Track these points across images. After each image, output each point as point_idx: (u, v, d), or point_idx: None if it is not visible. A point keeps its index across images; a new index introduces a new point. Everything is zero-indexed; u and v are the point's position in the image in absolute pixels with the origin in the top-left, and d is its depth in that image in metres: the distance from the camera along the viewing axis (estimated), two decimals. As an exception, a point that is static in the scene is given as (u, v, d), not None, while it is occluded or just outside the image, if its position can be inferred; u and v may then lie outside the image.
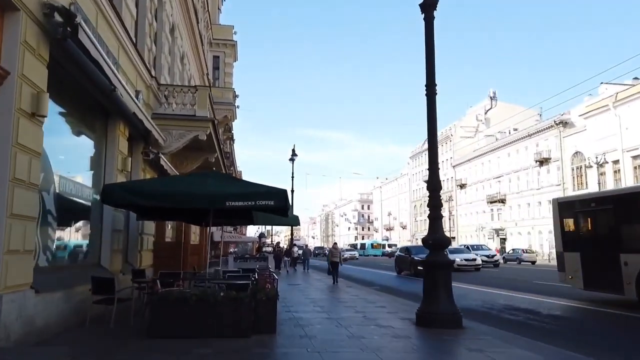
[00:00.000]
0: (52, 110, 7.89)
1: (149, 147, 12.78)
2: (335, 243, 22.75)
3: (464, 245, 40.22)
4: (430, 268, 8.82)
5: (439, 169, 9.26)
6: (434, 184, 9.03)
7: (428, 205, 9.14)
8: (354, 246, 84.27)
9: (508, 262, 43.88)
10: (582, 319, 10.75)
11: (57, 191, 8.01)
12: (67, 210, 8.62)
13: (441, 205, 9.14)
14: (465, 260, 28.97)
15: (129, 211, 11.23)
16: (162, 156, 13.05)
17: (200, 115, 13.75)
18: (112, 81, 8.30)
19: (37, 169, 6.47)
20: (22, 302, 5.98)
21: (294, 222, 12.84)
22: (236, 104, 34.87)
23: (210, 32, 31.46)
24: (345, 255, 48.03)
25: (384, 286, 19.21)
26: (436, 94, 9.17)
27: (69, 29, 6.54)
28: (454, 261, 25.20)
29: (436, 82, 9.16)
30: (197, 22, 22.20)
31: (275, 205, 7.92)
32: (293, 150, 37.90)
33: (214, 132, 14.58)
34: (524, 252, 45.17)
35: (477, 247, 39.23)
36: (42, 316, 6.58)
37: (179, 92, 13.93)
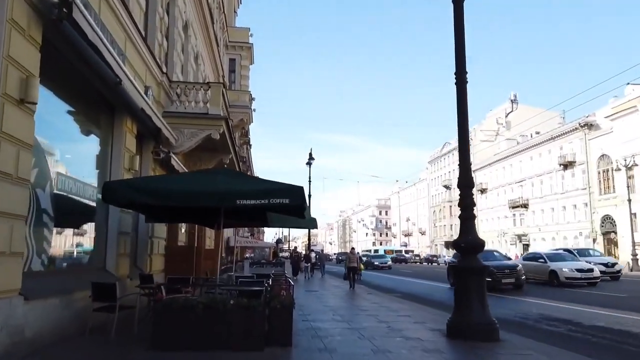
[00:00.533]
0: (51, 100, 7.34)
1: (160, 146, 12.19)
2: (353, 248, 22.45)
3: (563, 250, 27.85)
4: (462, 274, 7.99)
5: (470, 164, 8.42)
6: (465, 180, 8.21)
7: (459, 205, 8.33)
8: (375, 251, 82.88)
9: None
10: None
11: (55, 189, 7.41)
12: (68, 210, 8.02)
13: (474, 204, 8.33)
14: (578, 270, 20.47)
15: (138, 213, 10.64)
16: (174, 156, 12.46)
17: (213, 113, 13.14)
18: (116, 72, 7.70)
19: (28, 162, 5.86)
20: (7, 310, 5.34)
21: (311, 224, 12.07)
22: (252, 107, 34.47)
23: (226, 35, 31.08)
24: (375, 262, 45.73)
25: (406, 293, 18.30)
26: (467, 82, 8.36)
27: (64, 9, 5.94)
28: (558, 271, 20.04)
29: (467, 70, 8.34)
30: (213, 23, 21.73)
31: (291, 204, 7.19)
32: (310, 154, 37.22)
33: (228, 131, 13.96)
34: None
35: (582, 253, 27.25)
36: (33, 325, 5.94)
37: (191, 89, 13.34)
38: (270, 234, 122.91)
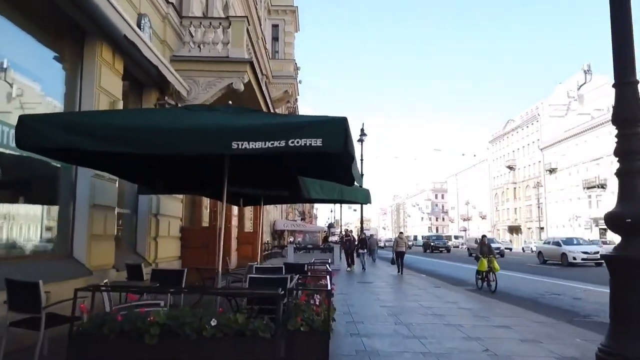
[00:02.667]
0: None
1: (165, 98, 9.41)
2: (401, 232, 22.41)
3: None
4: (621, 271, 4.58)
5: (637, 81, 4.89)
6: (628, 109, 4.76)
7: (616, 153, 4.91)
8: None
9: None
10: None
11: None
12: (18, 174, 5.33)
13: (643, 149, 4.82)
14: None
15: (133, 183, 7.91)
16: (185, 111, 9.64)
17: (234, 56, 10.20)
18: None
19: None
20: None
21: (362, 197, 8.75)
22: (298, 79, 31.47)
23: (267, -3, 28.12)
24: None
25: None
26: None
27: None
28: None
29: None
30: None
31: (327, 148, 4.06)
32: (362, 129, 33.82)
33: (255, 80, 10.97)
34: None
35: None
36: None
37: (207, 27, 10.44)
38: (323, 217, 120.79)
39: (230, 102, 5.79)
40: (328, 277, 7.06)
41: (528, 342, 6.18)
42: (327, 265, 9.20)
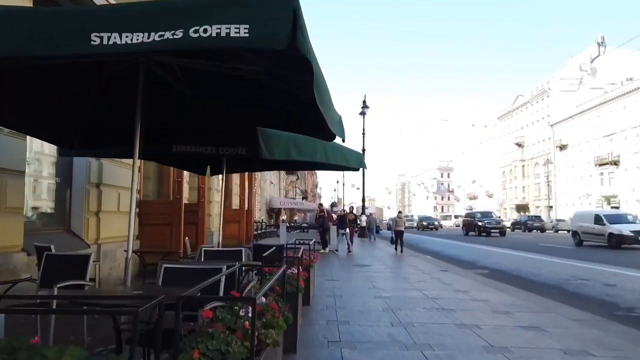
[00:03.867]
0: None
1: None
2: (400, 212, 21.07)
3: None
4: None
5: None
6: None
7: None
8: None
9: None
10: None
11: None
12: None
13: None
14: None
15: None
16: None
17: None
18: None
19: None
20: None
21: (354, 160, 6.76)
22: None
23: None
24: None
25: (492, 269, 13.08)
26: None
27: None
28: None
29: None
30: None
31: (257, 42, 2.24)
32: (364, 102, 31.81)
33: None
34: None
35: None
36: None
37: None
38: (328, 198, 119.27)
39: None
40: (304, 256, 5.28)
41: (575, 355, 4.41)
42: (310, 245, 7.43)
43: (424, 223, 55.47)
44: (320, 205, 18.53)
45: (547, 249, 20.56)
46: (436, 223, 56.95)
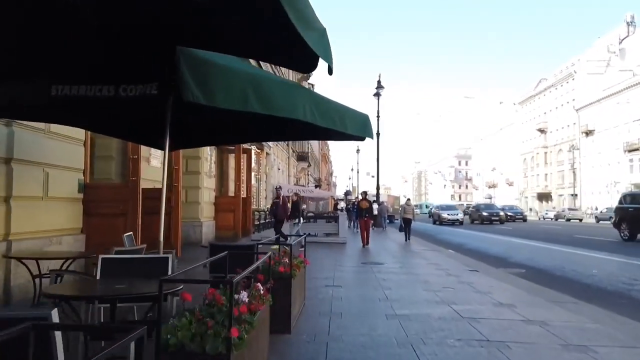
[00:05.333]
0: None
1: None
2: (409, 199, 20.99)
3: None
4: None
5: None
6: None
7: None
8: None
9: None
10: None
11: None
12: None
13: None
14: None
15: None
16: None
17: None
18: None
19: None
20: None
21: (356, 124, 4.69)
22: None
23: None
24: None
25: (528, 267, 10.89)
26: None
27: None
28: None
29: None
30: None
31: None
32: (379, 81, 29.53)
33: None
34: None
35: None
36: None
37: None
38: (342, 185, 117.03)
39: None
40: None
41: None
42: (292, 244, 5.35)
43: (485, 213, 37.59)
44: (278, 189, 13.76)
45: (585, 242, 18.14)
46: (502, 214, 38.25)
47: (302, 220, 12.95)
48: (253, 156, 22.33)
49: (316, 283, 7.36)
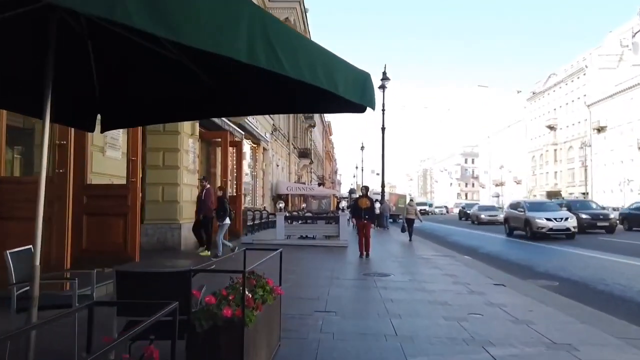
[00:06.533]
0: None
1: None
2: (412, 199, 21.78)
3: None
4: None
5: None
6: None
7: None
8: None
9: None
10: None
11: None
12: None
13: None
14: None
15: None
16: None
17: None
18: None
19: None
20: None
21: (355, 85, 3.16)
22: (304, 6, 25.29)
23: None
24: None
25: (560, 278, 9.18)
26: None
27: None
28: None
29: None
30: None
31: None
32: (384, 73, 27.80)
33: None
34: None
35: None
36: None
37: None
38: (348, 182, 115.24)
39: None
40: None
41: None
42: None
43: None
44: (202, 180, 10.92)
45: (610, 245, 16.30)
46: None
47: (228, 222, 10.48)
48: (248, 151, 20.70)
49: (302, 307, 5.70)
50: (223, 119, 13.01)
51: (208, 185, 10.70)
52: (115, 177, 7.42)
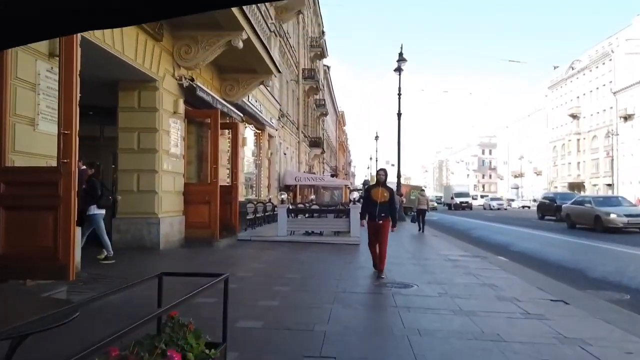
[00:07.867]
0: None
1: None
2: (423, 190, 21.74)
3: None
4: None
5: None
6: None
7: None
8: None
9: None
10: None
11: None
12: None
13: None
14: None
15: None
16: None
17: None
18: None
19: None
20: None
21: None
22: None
23: None
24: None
25: (631, 289, 7.19)
26: None
27: None
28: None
29: None
30: None
31: None
32: (400, 54, 25.75)
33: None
34: None
35: None
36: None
37: None
38: (362, 173, 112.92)
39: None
40: None
41: None
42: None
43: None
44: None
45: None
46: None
47: (102, 211, 7.60)
48: (251, 137, 18.86)
49: (287, 347, 3.83)
50: (214, 96, 11.14)
51: (83, 167, 7.72)
52: (48, 158, 5.61)
